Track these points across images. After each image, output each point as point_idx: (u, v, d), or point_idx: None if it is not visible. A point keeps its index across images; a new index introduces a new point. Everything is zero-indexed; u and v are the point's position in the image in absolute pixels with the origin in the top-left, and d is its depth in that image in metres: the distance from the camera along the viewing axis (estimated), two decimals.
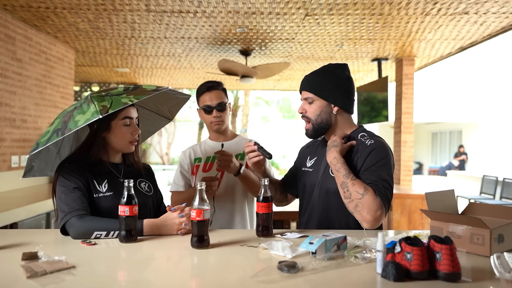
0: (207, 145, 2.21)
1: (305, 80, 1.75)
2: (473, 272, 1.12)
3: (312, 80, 1.72)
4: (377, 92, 6.46)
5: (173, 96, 1.95)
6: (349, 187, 1.51)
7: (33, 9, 4.08)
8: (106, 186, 1.64)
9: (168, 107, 2.06)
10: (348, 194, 1.52)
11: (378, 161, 1.58)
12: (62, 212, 1.51)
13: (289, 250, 1.28)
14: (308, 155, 1.87)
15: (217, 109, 2.09)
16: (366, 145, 1.65)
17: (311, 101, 1.71)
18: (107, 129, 1.64)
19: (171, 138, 19.93)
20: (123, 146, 1.68)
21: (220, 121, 2.11)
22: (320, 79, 1.70)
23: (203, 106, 2.11)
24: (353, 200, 1.51)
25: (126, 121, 1.65)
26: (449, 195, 1.50)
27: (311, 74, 1.74)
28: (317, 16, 4.34)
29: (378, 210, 1.47)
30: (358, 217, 1.50)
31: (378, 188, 1.52)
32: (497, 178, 7.80)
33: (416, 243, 1.08)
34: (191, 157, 2.18)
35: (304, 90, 1.74)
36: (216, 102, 2.09)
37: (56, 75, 5.22)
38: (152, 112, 2.02)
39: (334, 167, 1.58)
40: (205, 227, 1.38)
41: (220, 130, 2.16)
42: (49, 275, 1.09)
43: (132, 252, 1.36)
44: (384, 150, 1.63)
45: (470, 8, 4.05)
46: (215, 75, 7.41)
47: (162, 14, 4.27)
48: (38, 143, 1.54)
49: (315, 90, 1.70)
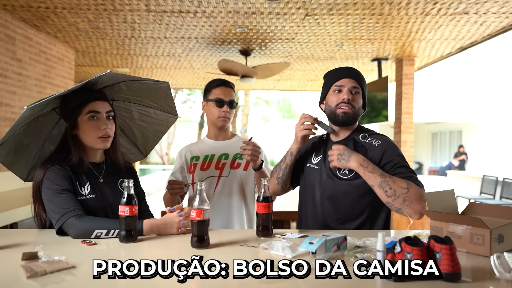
0: (206, 144, 2.19)
1: (353, 71, 1.73)
2: (473, 272, 1.11)
3: (360, 76, 1.72)
4: (377, 92, 6.45)
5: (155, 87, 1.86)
6: (391, 185, 1.51)
7: (33, 9, 4.08)
8: (89, 188, 1.60)
9: (165, 101, 1.96)
10: (392, 191, 1.51)
11: (397, 156, 1.61)
12: (57, 214, 1.47)
13: (289, 250, 1.28)
14: (313, 150, 1.83)
15: (228, 105, 2.08)
16: (375, 146, 1.64)
17: (356, 93, 1.69)
18: (74, 126, 1.59)
19: (171, 138, 19.93)
20: (92, 142, 1.60)
21: (227, 117, 2.10)
22: (361, 76, 1.74)
23: (215, 98, 2.08)
24: (399, 196, 1.50)
25: (91, 115, 1.57)
26: (449, 195, 1.50)
27: (352, 68, 1.74)
28: (317, 16, 4.34)
29: (424, 200, 1.49)
30: (408, 211, 1.50)
31: (414, 180, 1.54)
32: (497, 178, 7.79)
33: (416, 243, 1.08)
34: (187, 156, 2.17)
35: (354, 79, 1.69)
36: (229, 98, 2.09)
37: (56, 75, 5.22)
38: (156, 110, 1.96)
39: (367, 169, 1.55)
40: (205, 227, 1.37)
41: (224, 127, 2.15)
42: (49, 275, 1.09)
43: (132, 252, 1.36)
44: (394, 145, 1.67)
45: (470, 8, 4.06)
46: (215, 75, 7.41)
47: (162, 14, 4.28)
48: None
49: (363, 87, 1.72)
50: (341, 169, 1.66)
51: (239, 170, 2.11)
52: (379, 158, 1.61)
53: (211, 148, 2.15)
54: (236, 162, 2.12)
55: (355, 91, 1.68)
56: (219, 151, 2.13)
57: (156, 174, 12.84)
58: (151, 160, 20.43)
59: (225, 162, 2.10)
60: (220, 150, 2.13)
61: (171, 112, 2.01)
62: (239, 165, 2.12)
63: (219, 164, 2.11)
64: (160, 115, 1.99)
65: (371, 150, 1.63)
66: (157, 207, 4.04)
